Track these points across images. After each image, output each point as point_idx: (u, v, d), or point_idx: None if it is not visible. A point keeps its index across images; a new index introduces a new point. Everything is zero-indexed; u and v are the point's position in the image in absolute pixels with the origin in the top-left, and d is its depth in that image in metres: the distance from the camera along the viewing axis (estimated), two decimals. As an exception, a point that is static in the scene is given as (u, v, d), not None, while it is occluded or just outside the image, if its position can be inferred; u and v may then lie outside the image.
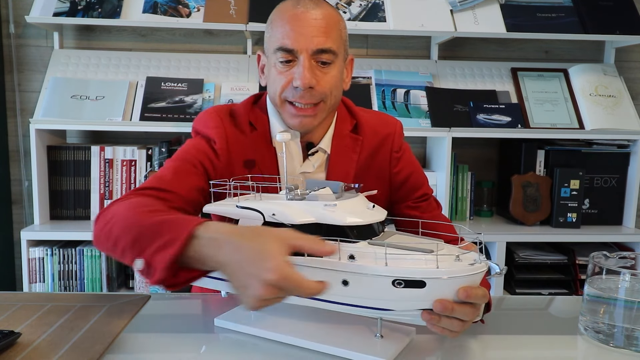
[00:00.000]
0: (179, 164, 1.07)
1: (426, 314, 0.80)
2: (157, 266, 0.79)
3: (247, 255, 0.74)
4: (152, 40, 2.42)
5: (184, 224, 0.80)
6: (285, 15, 1.06)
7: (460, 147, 2.43)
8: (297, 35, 1.04)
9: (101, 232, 0.91)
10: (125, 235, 0.85)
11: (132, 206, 0.90)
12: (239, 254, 0.75)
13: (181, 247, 0.78)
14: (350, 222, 0.83)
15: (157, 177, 1.04)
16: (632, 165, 2.29)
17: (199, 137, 1.14)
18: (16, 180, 2.41)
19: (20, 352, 0.83)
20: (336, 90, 1.10)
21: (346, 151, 1.16)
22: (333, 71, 1.08)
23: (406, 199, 1.21)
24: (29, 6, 2.24)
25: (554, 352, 0.92)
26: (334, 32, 1.07)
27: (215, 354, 0.87)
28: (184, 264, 0.81)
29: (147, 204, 0.92)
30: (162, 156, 2.17)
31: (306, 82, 1.04)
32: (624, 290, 0.91)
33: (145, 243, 0.82)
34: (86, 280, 2.11)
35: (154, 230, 0.82)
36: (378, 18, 2.26)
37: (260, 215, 0.88)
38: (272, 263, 0.72)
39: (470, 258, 0.80)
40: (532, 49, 2.53)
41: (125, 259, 0.86)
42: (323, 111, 1.09)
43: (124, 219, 0.87)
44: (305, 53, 1.04)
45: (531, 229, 2.23)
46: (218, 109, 1.16)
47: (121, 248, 0.86)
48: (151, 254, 0.81)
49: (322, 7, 1.07)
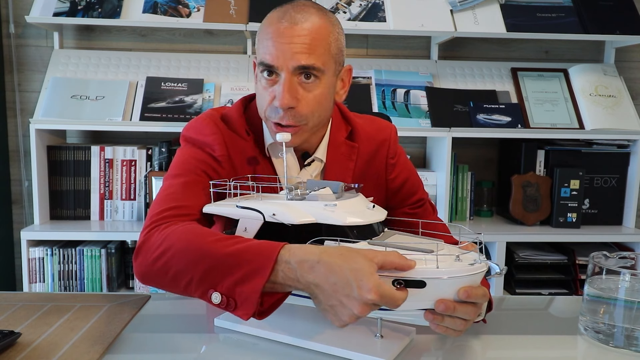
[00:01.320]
0: (184, 179, 1.02)
1: (429, 314, 0.80)
2: (245, 298, 0.79)
3: (342, 277, 0.75)
4: (152, 40, 2.42)
5: (264, 251, 0.80)
6: (269, 30, 1.01)
7: (460, 147, 2.43)
8: (278, 52, 0.99)
9: (153, 266, 0.88)
10: (192, 269, 0.83)
11: (188, 233, 0.87)
12: (333, 276, 0.76)
13: (269, 274, 0.78)
14: (350, 222, 0.83)
15: (170, 195, 0.99)
16: (632, 165, 2.29)
17: (193, 146, 1.09)
18: (16, 180, 2.41)
19: (20, 352, 0.83)
20: (320, 110, 1.04)
21: (342, 159, 1.14)
22: (318, 89, 1.02)
23: (402, 204, 1.20)
24: (29, 6, 2.24)
25: (554, 352, 0.92)
26: (320, 47, 1.00)
27: (215, 354, 0.87)
28: (267, 290, 0.80)
29: (205, 231, 0.88)
30: (162, 156, 2.17)
31: (285, 103, 0.99)
32: (624, 290, 0.91)
33: (221, 274, 0.81)
34: (86, 280, 2.11)
35: (231, 260, 0.81)
36: (378, 18, 2.26)
37: (261, 215, 0.88)
38: (370, 284, 0.74)
39: (470, 258, 0.80)
40: (532, 49, 2.53)
41: (193, 294, 0.84)
42: (305, 132, 1.05)
43: (184, 251, 0.84)
44: (287, 70, 0.99)
45: (531, 229, 2.23)
46: (210, 114, 1.11)
47: (185, 282, 0.84)
48: (230, 286, 0.80)
49: (308, 20, 1.00)
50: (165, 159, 2.17)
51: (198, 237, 0.85)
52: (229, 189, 0.96)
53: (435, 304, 0.78)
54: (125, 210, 2.20)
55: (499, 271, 0.81)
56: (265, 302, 0.80)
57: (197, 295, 0.83)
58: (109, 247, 2.11)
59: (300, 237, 0.85)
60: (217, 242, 0.83)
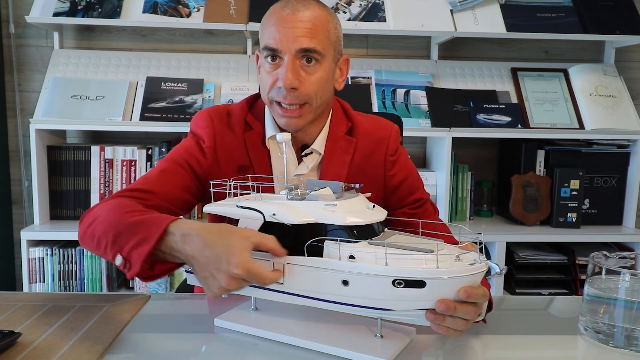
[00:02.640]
0: (166, 165, 1.13)
1: (430, 314, 0.80)
2: (134, 261, 0.87)
3: (214, 251, 0.83)
4: (152, 40, 2.42)
5: (157, 222, 0.88)
6: (273, 17, 1.08)
7: (460, 147, 2.43)
8: (281, 36, 1.06)
9: (85, 232, 0.99)
10: (106, 235, 0.92)
11: (113, 207, 0.97)
12: (207, 249, 0.83)
13: (156, 242, 0.86)
14: (350, 222, 0.83)
15: (144, 177, 1.12)
16: (632, 165, 2.29)
17: (191, 136, 1.19)
18: (16, 180, 2.41)
19: (20, 352, 0.84)
20: (322, 92, 1.11)
21: (339, 153, 1.17)
22: (319, 72, 1.09)
23: (401, 203, 1.21)
24: (29, 6, 2.24)
25: (554, 352, 0.92)
26: (321, 33, 1.08)
27: (215, 354, 0.87)
28: (159, 258, 0.89)
29: (127, 204, 0.98)
30: (162, 156, 2.17)
31: (288, 83, 1.05)
32: (624, 290, 0.91)
33: (123, 241, 0.89)
34: (86, 280, 2.11)
35: (131, 229, 0.90)
36: (378, 18, 2.26)
37: (261, 215, 0.88)
38: (238, 259, 0.80)
39: (470, 258, 0.80)
40: (532, 49, 2.53)
41: (108, 256, 0.92)
42: (309, 112, 1.10)
43: (105, 220, 0.95)
44: (289, 53, 1.06)
45: (531, 229, 2.23)
46: (212, 109, 1.20)
47: (103, 246, 0.93)
48: (129, 250, 0.88)
49: (309, 9, 1.08)
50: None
51: (117, 208, 0.96)
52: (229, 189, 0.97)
53: (436, 304, 0.78)
54: (125, 210, 2.20)
55: (499, 271, 0.81)
56: (157, 269, 0.89)
57: (110, 258, 0.92)
58: (109, 247, 2.11)
59: (300, 237, 0.85)
60: (128, 213, 0.93)
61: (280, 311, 0.97)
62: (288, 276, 0.86)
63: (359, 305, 0.83)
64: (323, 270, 0.82)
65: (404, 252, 0.80)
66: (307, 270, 0.84)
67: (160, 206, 1.06)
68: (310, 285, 0.85)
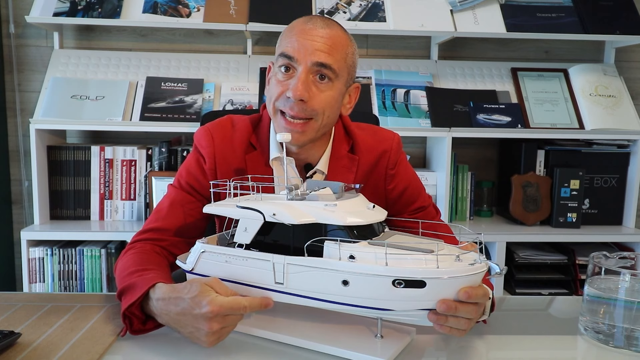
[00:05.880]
0: (174, 195, 1.17)
1: (433, 315, 0.80)
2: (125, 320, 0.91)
3: (181, 307, 0.85)
4: (152, 40, 2.42)
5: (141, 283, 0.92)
6: (295, 29, 1.09)
7: (460, 147, 2.43)
8: (300, 46, 1.06)
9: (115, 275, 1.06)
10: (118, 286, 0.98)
11: (125, 262, 1.03)
12: (175, 308, 0.86)
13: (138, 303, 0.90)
14: (351, 222, 0.83)
15: (156, 211, 1.16)
16: (632, 165, 2.29)
17: (195, 152, 1.20)
18: (16, 180, 2.41)
19: (20, 352, 0.84)
20: (329, 111, 1.09)
21: (342, 171, 1.18)
22: (330, 91, 1.08)
23: (402, 212, 1.22)
24: (29, 6, 2.24)
25: (554, 352, 0.92)
26: (339, 53, 1.08)
27: (215, 354, 0.87)
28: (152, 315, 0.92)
29: (135, 261, 1.02)
30: (162, 156, 2.17)
31: (298, 94, 1.04)
32: (624, 290, 0.91)
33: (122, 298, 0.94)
34: (86, 280, 2.11)
35: (126, 290, 0.94)
36: (378, 18, 2.26)
37: (261, 215, 0.88)
38: (204, 300, 0.83)
39: (470, 258, 0.80)
40: (532, 49, 2.53)
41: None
42: (313, 130, 1.09)
43: (117, 276, 1.02)
44: (304, 65, 1.05)
45: (531, 229, 2.23)
46: (215, 125, 1.20)
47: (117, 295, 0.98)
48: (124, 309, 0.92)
49: (331, 28, 1.08)
50: (165, 159, 2.17)
51: (125, 268, 1.01)
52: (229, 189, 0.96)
53: (437, 305, 0.78)
54: (125, 210, 2.20)
55: (499, 271, 0.81)
56: (148, 325, 0.92)
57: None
58: (109, 247, 2.11)
59: (300, 237, 0.85)
60: (130, 274, 0.97)
61: (280, 311, 0.97)
62: (288, 276, 0.86)
63: (359, 306, 0.83)
64: (323, 271, 0.82)
65: (404, 252, 0.80)
66: (307, 271, 0.84)
67: (176, 242, 1.12)
68: (310, 285, 0.85)
